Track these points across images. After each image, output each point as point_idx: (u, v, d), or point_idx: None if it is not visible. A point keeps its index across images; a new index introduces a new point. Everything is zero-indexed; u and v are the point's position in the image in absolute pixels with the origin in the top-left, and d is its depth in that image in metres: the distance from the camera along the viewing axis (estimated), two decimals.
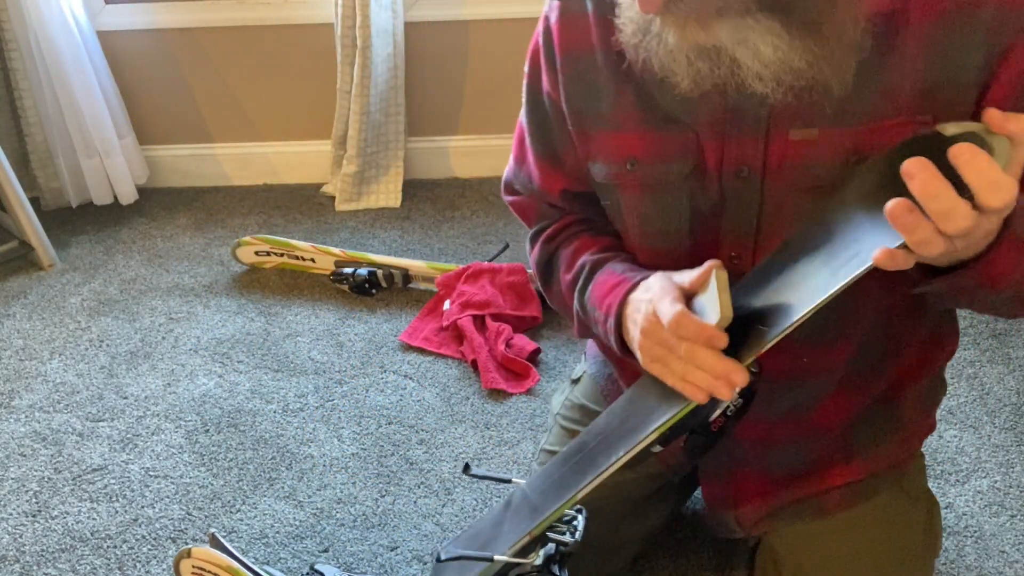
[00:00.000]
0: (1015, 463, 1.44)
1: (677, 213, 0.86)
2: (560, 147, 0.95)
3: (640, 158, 0.85)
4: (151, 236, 2.27)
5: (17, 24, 2.12)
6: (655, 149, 0.84)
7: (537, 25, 0.92)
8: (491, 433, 1.58)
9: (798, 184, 0.79)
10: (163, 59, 2.34)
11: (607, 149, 0.88)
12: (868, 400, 0.99)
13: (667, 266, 0.84)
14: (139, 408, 1.68)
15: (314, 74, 2.34)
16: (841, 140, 0.76)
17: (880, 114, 0.75)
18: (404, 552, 1.36)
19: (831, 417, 0.99)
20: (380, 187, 2.38)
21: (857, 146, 0.76)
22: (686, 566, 1.30)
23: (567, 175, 0.96)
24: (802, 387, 0.95)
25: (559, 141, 0.94)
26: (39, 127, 2.27)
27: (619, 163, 0.86)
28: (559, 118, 0.92)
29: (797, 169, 0.79)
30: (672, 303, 0.75)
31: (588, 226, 1.00)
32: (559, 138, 0.94)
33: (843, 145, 0.76)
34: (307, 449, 1.56)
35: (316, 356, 1.80)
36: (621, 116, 0.85)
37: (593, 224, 1.00)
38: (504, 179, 1.07)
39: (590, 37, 0.85)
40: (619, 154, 0.86)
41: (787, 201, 0.81)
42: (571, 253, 0.97)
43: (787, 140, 0.79)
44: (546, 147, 0.96)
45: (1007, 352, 1.68)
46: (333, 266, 2.03)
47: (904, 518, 1.05)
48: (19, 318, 1.97)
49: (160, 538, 1.40)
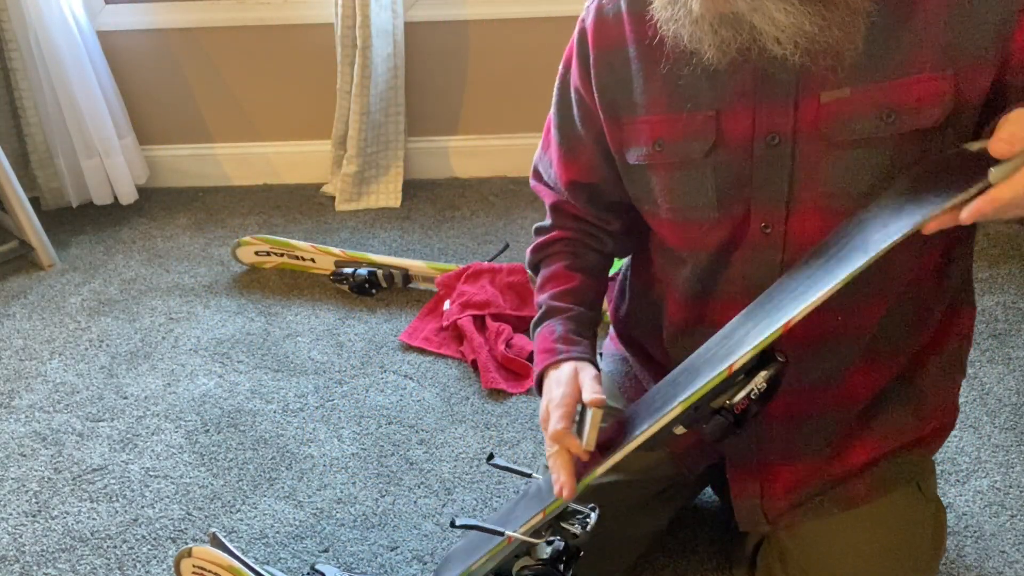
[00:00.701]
0: (1015, 463, 1.44)
1: (703, 187, 0.92)
2: (577, 142, 1.04)
3: (666, 138, 0.93)
4: (151, 236, 2.27)
5: (17, 24, 2.12)
6: (678, 129, 0.91)
7: (573, 32, 1.01)
8: (491, 433, 1.58)
9: (834, 142, 0.84)
10: (163, 59, 2.34)
11: (638, 133, 0.95)
12: (893, 372, 1.02)
13: (695, 244, 0.96)
14: (139, 408, 1.68)
15: (314, 74, 2.34)
16: (873, 96, 0.82)
17: (906, 71, 0.81)
18: (404, 552, 1.36)
19: (857, 389, 1.02)
20: (380, 187, 2.38)
21: (888, 100, 0.82)
22: (686, 566, 1.30)
23: (580, 168, 1.05)
24: (834, 352, 0.98)
25: (577, 135, 1.03)
26: (39, 127, 2.27)
27: (649, 145, 0.94)
28: (584, 113, 1.01)
29: (833, 128, 0.84)
30: (559, 420, 0.91)
31: (571, 250, 1.10)
32: (579, 132, 1.03)
33: (876, 100, 0.82)
34: (307, 449, 1.56)
35: (316, 356, 1.80)
36: (650, 102, 0.93)
37: (577, 247, 1.10)
38: (533, 163, 1.16)
39: (624, 33, 0.93)
40: (649, 136, 0.94)
41: (821, 164, 0.86)
42: (545, 279, 1.09)
43: (818, 103, 0.84)
44: (566, 138, 1.05)
45: (1007, 352, 1.68)
46: (333, 266, 2.03)
47: (918, 517, 1.07)
48: (19, 318, 1.97)
49: (160, 538, 1.40)
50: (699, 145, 0.90)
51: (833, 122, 0.84)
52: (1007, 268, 1.93)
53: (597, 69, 0.96)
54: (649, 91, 0.92)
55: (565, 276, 1.08)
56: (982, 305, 1.81)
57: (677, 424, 0.83)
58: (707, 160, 0.91)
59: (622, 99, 0.96)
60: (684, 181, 0.93)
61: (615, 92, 0.96)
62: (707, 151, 0.90)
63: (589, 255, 1.10)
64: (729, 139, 0.89)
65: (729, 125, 0.89)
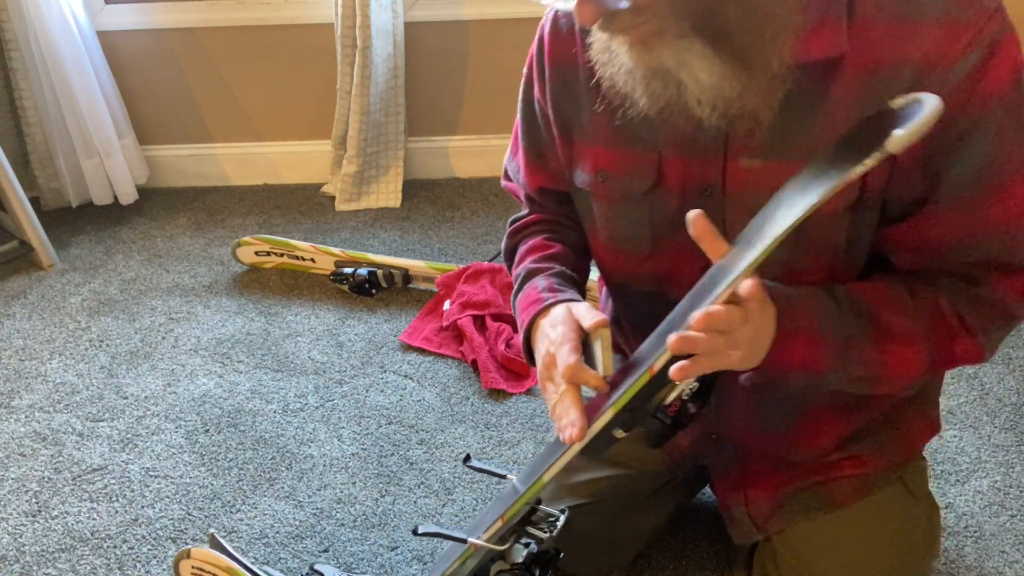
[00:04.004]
0: (1015, 463, 1.44)
1: (640, 224, 0.92)
2: (546, 148, 1.02)
3: (608, 172, 0.92)
4: (151, 236, 2.27)
5: (17, 24, 2.12)
6: (620, 164, 0.90)
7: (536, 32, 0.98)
8: (491, 433, 1.58)
9: (751, 209, 0.82)
10: (163, 59, 2.34)
11: (584, 159, 0.94)
12: (862, 419, 1.01)
13: (629, 270, 0.94)
14: (139, 408, 1.68)
15: (314, 74, 2.34)
16: (780, 173, 0.79)
17: (814, 154, 0.78)
18: (404, 552, 1.36)
19: (827, 439, 1.02)
20: (380, 187, 2.38)
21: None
22: (686, 566, 1.30)
23: (548, 174, 1.03)
24: (790, 401, 0.98)
25: (545, 143, 1.01)
26: (39, 127, 2.27)
27: (592, 174, 0.93)
28: (546, 123, 0.98)
29: (747, 195, 0.83)
30: (570, 353, 0.83)
31: (549, 228, 1.07)
32: (545, 140, 1.01)
33: (781, 178, 0.79)
34: (307, 449, 1.56)
35: (316, 356, 1.80)
36: (596, 131, 0.91)
37: (556, 226, 1.07)
38: (503, 164, 1.14)
39: (574, 52, 0.90)
40: (593, 166, 0.93)
41: (744, 223, 0.84)
42: (523, 252, 1.05)
43: (738, 166, 0.83)
44: (533, 146, 1.03)
45: (1007, 352, 1.68)
46: (333, 266, 2.03)
47: (906, 516, 1.06)
48: (19, 318, 1.97)
49: (160, 538, 1.40)
50: (640, 183, 0.89)
51: (749, 188, 0.83)
52: None
53: (552, 84, 0.94)
54: (596, 121, 0.91)
55: (544, 246, 1.04)
56: None
57: (615, 428, 0.80)
58: (645, 198, 0.90)
59: (574, 119, 0.94)
60: (622, 214, 0.93)
61: (568, 111, 0.94)
62: (646, 190, 0.89)
63: (569, 233, 1.07)
64: (668, 182, 0.88)
65: (668, 168, 0.88)
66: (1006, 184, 0.77)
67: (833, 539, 1.05)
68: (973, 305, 0.83)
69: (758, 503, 1.08)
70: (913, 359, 0.83)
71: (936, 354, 0.83)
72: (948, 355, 0.84)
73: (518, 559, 0.95)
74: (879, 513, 1.04)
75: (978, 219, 0.79)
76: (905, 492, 1.06)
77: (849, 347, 0.81)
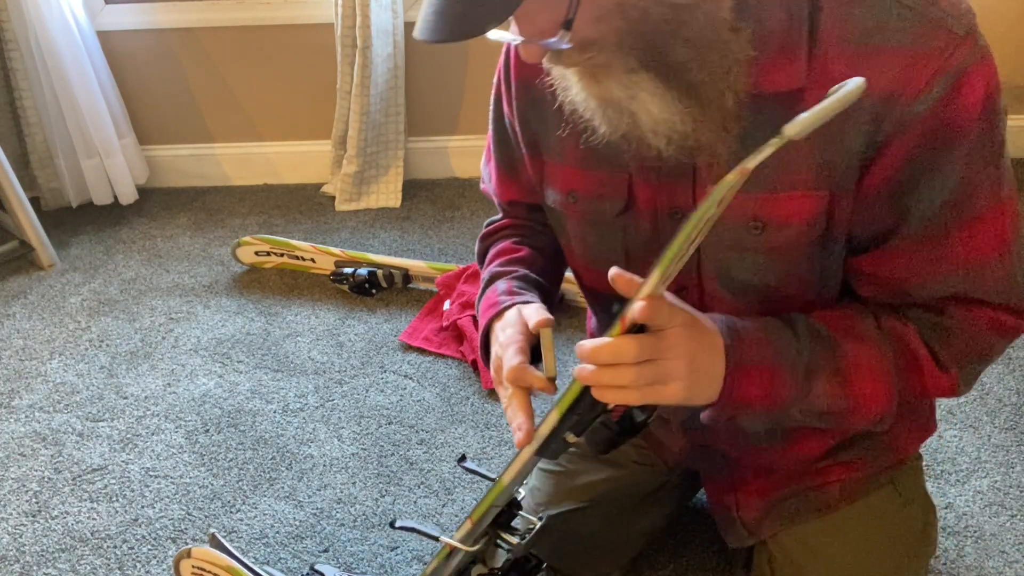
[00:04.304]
0: (1015, 463, 1.44)
1: (614, 245, 0.90)
2: (517, 163, 0.99)
3: (579, 192, 0.89)
4: (151, 236, 2.27)
5: (17, 24, 2.12)
6: (591, 186, 0.87)
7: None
8: (491, 433, 1.58)
9: (723, 239, 0.81)
10: (163, 59, 2.34)
11: (554, 178, 0.91)
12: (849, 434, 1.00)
13: (605, 286, 0.90)
14: (139, 408, 1.68)
15: (314, 74, 2.34)
16: (744, 205, 0.78)
17: (780, 186, 0.77)
18: (404, 552, 1.36)
19: (815, 449, 1.00)
20: (380, 187, 2.38)
21: (757, 213, 0.78)
22: (686, 566, 1.30)
23: (520, 188, 1.02)
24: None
25: (516, 157, 0.99)
26: (39, 127, 2.27)
27: (563, 194, 0.90)
28: (516, 139, 0.96)
29: (716, 223, 0.80)
30: (515, 355, 0.83)
31: (520, 232, 1.05)
32: (516, 155, 0.98)
33: (746, 210, 0.78)
34: (307, 449, 1.56)
35: (316, 356, 1.80)
36: (565, 151, 0.88)
37: (527, 231, 1.05)
38: (481, 167, 1.13)
39: (540, 70, 0.86)
40: (563, 186, 0.90)
41: (716, 253, 0.83)
42: (491, 256, 1.04)
43: (708, 193, 0.80)
44: (504, 158, 1.01)
45: (1007, 352, 1.68)
46: (333, 266, 2.03)
47: (898, 518, 1.05)
48: (19, 318, 1.97)
49: (160, 538, 1.40)
50: (611, 206, 0.87)
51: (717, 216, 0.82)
52: None
53: (519, 101, 0.91)
54: (564, 139, 0.87)
55: (512, 249, 1.02)
56: None
57: (564, 431, 0.78)
58: (618, 221, 0.87)
59: (542, 136, 0.91)
60: (596, 235, 0.91)
61: (536, 127, 0.91)
62: (618, 212, 0.87)
63: (540, 236, 1.04)
64: (639, 203, 0.85)
65: (639, 190, 0.85)
66: (973, 220, 0.75)
67: (825, 542, 1.04)
68: (944, 338, 0.80)
69: (749, 508, 1.07)
70: (880, 393, 0.79)
71: (905, 388, 0.81)
72: (919, 389, 0.81)
73: (497, 564, 0.94)
74: (870, 516, 1.03)
75: (944, 254, 0.76)
76: (896, 494, 1.05)
77: (810, 380, 0.78)
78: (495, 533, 0.92)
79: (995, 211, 0.75)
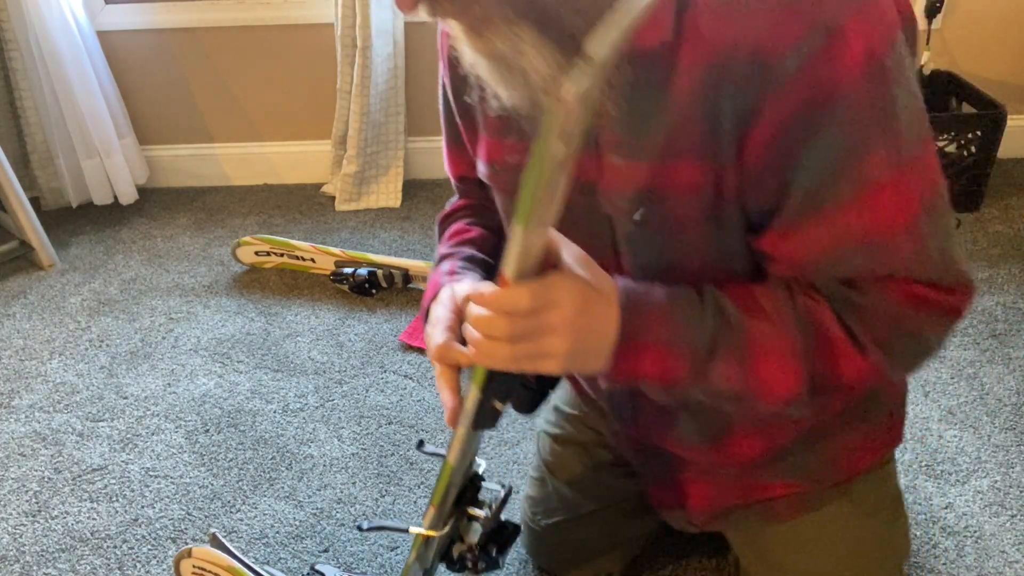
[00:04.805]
0: (1015, 463, 1.44)
1: None
2: (460, 136, 0.97)
3: (497, 163, 0.86)
4: (151, 236, 2.27)
5: (17, 24, 2.12)
6: (505, 154, 0.85)
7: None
8: (491, 433, 1.58)
9: (625, 211, 0.77)
10: (163, 59, 2.34)
11: (481, 149, 0.89)
12: (788, 436, 0.95)
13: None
14: (139, 408, 1.68)
15: (314, 74, 2.34)
16: (637, 173, 0.74)
17: (668, 153, 0.72)
18: (404, 552, 1.36)
19: (750, 450, 0.96)
20: (380, 187, 2.38)
21: (649, 183, 0.74)
22: (686, 566, 1.30)
23: (467, 162, 0.98)
24: (696, 415, 0.93)
25: (459, 131, 0.96)
26: (39, 127, 2.27)
27: (488, 164, 0.88)
28: (453, 112, 0.94)
29: (616, 194, 0.77)
30: (441, 333, 0.82)
31: (473, 212, 1.03)
32: (458, 128, 0.96)
33: (638, 179, 0.74)
34: (307, 449, 1.56)
35: (316, 356, 1.80)
36: (485, 121, 0.86)
37: (480, 211, 1.03)
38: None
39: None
40: (486, 156, 0.88)
41: (624, 226, 0.79)
42: (444, 238, 1.02)
43: (610, 163, 0.77)
44: (450, 133, 0.99)
45: (1007, 352, 1.68)
46: (333, 266, 2.03)
47: (856, 530, 1.02)
48: (19, 318, 1.97)
49: (160, 538, 1.40)
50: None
51: (618, 187, 0.76)
52: (1007, 268, 1.93)
53: (449, 69, 0.88)
54: (484, 109, 0.82)
55: (463, 230, 1.00)
56: (982, 305, 1.81)
57: (490, 400, 0.78)
58: None
59: (470, 106, 0.88)
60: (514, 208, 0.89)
61: (464, 95, 0.88)
62: None
63: (493, 215, 0.99)
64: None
65: None
66: (869, 189, 0.68)
67: (776, 552, 1.03)
68: (860, 316, 0.73)
69: (695, 512, 1.05)
70: (787, 376, 0.73)
71: (818, 373, 0.74)
72: (833, 374, 0.74)
73: (473, 539, 0.94)
74: (824, 530, 1.00)
75: (841, 229, 0.70)
76: (851, 507, 1.00)
77: (710, 361, 0.73)
78: (463, 511, 0.92)
79: (895, 179, 0.68)
